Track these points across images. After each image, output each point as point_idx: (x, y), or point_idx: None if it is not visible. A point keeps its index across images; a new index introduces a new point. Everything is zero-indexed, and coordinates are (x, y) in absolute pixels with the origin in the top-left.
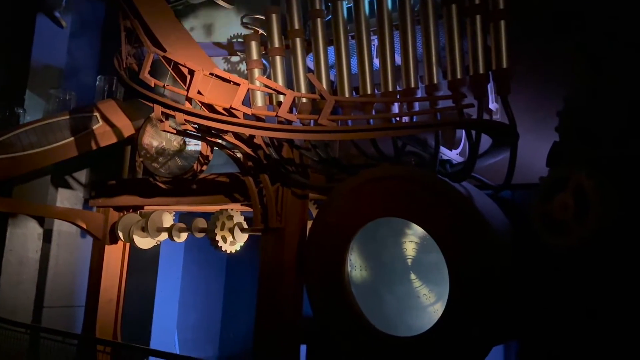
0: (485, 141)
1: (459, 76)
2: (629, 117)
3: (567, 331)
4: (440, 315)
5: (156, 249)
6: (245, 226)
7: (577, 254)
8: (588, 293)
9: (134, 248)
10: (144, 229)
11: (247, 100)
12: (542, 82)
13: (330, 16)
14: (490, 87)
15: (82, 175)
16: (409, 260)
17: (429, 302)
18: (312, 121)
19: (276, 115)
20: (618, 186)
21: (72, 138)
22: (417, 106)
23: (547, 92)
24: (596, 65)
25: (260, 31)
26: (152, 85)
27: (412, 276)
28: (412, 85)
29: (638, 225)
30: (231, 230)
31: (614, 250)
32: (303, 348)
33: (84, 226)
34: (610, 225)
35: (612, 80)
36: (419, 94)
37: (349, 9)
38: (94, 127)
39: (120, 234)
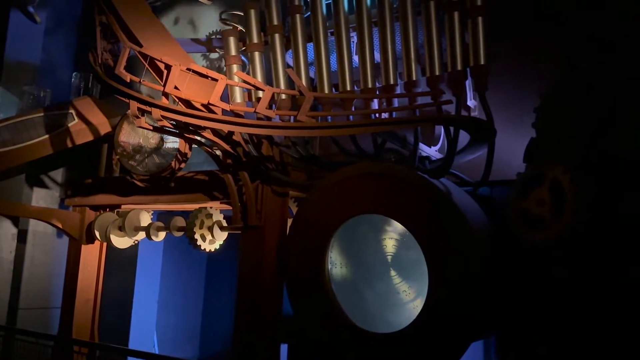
0: (464, 138)
1: (437, 73)
2: (605, 112)
3: (545, 326)
4: (419, 311)
5: (134, 248)
6: (225, 224)
7: (554, 248)
8: (565, 287)
9: (111, 247)
10: (121, 228)
11: (226, 97)
12: (519, 79)
13: (309, 12)
14: (469, 84)
15: (58, 174)
16: (389, 257)
17: (409, 299)
18: (291, 118)
19: (255, 112)
20: (594, 181)
21: (47, 136)
22: (396, 103)
23: (524, 88)
24: (572, 62)
25: (239, 27)
26: (128, 81)
27: (392, 273)
28: (391, 82)
29: (613, 220)
30: (210, 229)
31: (590, 244)
32: (284, 347)
33: (60, 226)
34: (586, 220)
35: (587, 76)
36: (398, 90)
37: (328, 5)
38: (70, 125)
39: (97, 234)
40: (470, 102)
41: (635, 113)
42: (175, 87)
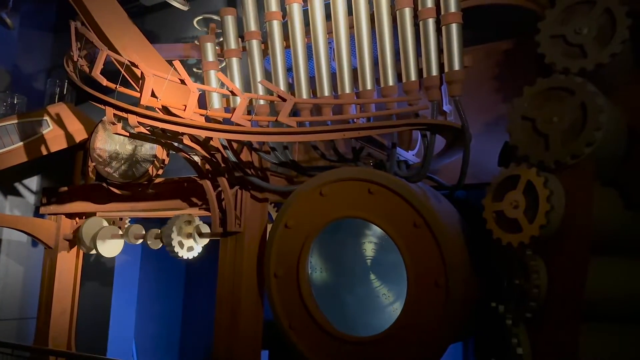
0: (442, 142)
1: (413, 79)
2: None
3: (523, 327)
4: (398, 314)
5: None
6: (204, 231)
7: (529, 250)
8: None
9: (87, 256)
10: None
11: (204, 103)
12: (493, 84)
13: (286, 19)
14: (444, 89)
15: (33, 181)
16: (369, 261)
17: (388, 302)
18: (270, 123)
19: (231, 119)
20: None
21: (21, 143)
22: (373, 108)
23: (500, 93)
24: (545, 67)
25: (217, 32)
26: (104, 84)
27: (372, 276)
28: (369, 88)
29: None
30: (189, 236)
31: (563, 246)
32: (264, 354)
33: (35, 234)
34: (559, 222)
35: (558, 80)
36: (376, 96)
37: (305, 11)
38: (44, 132)
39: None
40: (446, 107)
41: (603, 116)
42: (153, 94)
